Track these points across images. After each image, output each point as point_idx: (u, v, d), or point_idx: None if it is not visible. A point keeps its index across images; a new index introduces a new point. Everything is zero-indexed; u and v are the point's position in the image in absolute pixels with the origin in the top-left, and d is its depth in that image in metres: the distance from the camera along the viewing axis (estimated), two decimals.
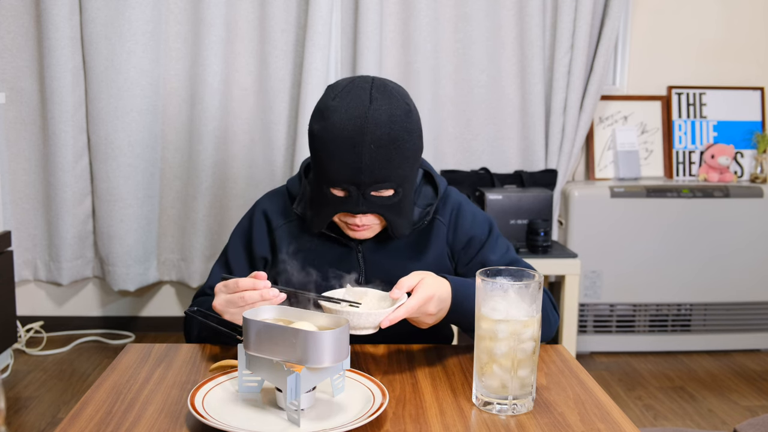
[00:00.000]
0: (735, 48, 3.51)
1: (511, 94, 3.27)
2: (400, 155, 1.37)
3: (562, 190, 3.32)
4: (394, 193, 1.40)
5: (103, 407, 1.15)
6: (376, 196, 1.39)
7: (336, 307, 1.24)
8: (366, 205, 1.39)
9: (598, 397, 1.22)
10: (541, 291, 1.17)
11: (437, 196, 1.54)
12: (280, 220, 1.54)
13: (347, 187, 1.37)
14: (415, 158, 1.42)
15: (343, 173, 1.36)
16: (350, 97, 1.37)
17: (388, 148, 1.35)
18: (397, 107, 1.38)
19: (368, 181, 1.36)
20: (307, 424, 1.08)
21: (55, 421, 2.59)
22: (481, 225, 1.56)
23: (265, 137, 3.26)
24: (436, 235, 1.53)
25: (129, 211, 3.21)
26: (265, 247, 1.55)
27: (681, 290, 3.30)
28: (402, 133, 1.37)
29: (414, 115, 1.41)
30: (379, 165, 1.35)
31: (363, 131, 1.34)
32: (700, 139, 3.50)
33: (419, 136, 1.43)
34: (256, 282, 1.27)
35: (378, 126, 1.34)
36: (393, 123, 1.36)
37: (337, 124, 1.35)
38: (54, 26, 3.04)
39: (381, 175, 1.36)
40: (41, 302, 3.46)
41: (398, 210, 1.43)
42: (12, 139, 3.22)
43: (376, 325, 1.24)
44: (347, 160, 1.35)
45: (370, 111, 1.35)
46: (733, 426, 2.38)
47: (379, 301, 1.32)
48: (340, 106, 1.36)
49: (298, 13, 3.18)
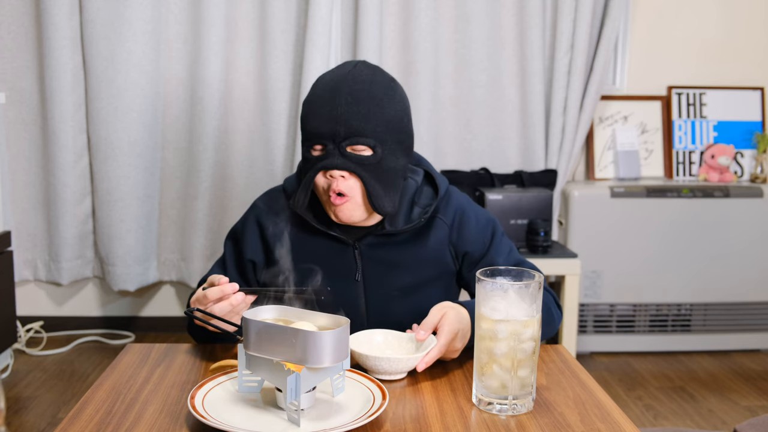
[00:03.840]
0: (735, 48, 3.51)
1: (511, 94, 3.27)
2: (378, 113, 1.39)
3: (562, 190, 3.32)
4: (372, 154, 1.39)
5: (103, 407, 1.15)
6: (352, 152, 1.39)
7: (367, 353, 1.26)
8: (341, 160, 1.38)
9: (598, 397, 1.22)
10: (542, 291, 1.17)
11: (437, 197, 1.53)
12: (274, 218, 1.54)
13: (324, 141, 1.39)
14: (396, 126, 1.42)
15: (320, 126, 1.39)
16: (336, 68, 1.44)
17: (366, 102, 1.38)
18: (381, 75, 1.43)
19: (343, 132, 1.37)
20: (307, 424, 1.08)
21: (55, 421, 2.59)
22: (484, 229, 1.56)
23: (265, 137, 3.26)
24: (436, 234, 1.52)
25: (129, 211, 3.21)
26: (255, 250, 1.54)
27: (681, 290, 3.30)
28: (381, 95, 1.40)
29: (398, 87, 1.45)
30: (355, 117, 1.37)
31: (342, 85, 1.39)
32: (700, 139, 3.50)
33: (403, 108, 1.44)
34: (223, 288, 1.28)
35: (357, 82, 1.39)
36: (373, 84, 1.40)
37: (320, 85, 1.42)
38: (54, 26, 3.04)
39: (356, 127, 1.37)
40: (41, 302, 3.46)
41: (376, 174, 1.40)
42: (12, 139, 3.22)
43: (407, 371, 1.27)
44: (324, 112, 1.38)
45: (353, 71, 1.41)
46: (733, 426, 2.38)
47: (403, 343, 1.35)
48: (325, 75, 1.44)
49: (298, 13, 3.18)
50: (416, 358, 1.26)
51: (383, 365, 1.24)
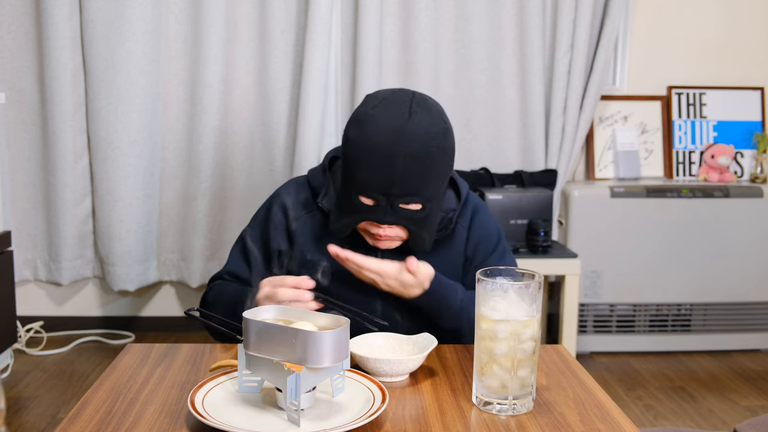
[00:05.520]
0: (735, 48, 3.51)
1: (511, 94, 3.27)
2: (432, 171, 1.38)
3: (562, 190, 3.32)
4: (422, 208, 1.41)
5: (103, 407, 1.15)
6: (404, 208, 1.40)
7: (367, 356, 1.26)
8: (393, 217, 1.40)
9: (598, 397, 1.22)
10: (541, 292, 1.17)
11: (460, 200, 1.55)
12: (300, 211, 1.54)
13: (377, 196, 1.38)
14: (445, 177, 1.44)
15: (375, 182, 1.37)
16: (389, 108, 1.38)
17: (423, 162, 1.36)
18: (435, 124, 1.39)
19: (398, 193, 1.37)
20: (307, 424, 1.08)
21: (55, 421, 2.59)
22: (490, 237, 1.57)
23: (265, 137, 3.26)
24: (455, 241, 1.55)
25: (129, 211, 3.21)
26: (281, 239, 1.54)
27: (681, 290, 3.30)
28: (437, 150, 1.38)
29: (450, 134, 1.42)
30: (412, 178, 1.36)
31: (399, 143, 1.35)
32: (700, 139, 3.50)
33: (452, 156, 1.44)
34: (299, 281, 1.32)
35: (414, 139, 1.35)
36: (429, 138, 1.37)
37: (374, 133, 1.36)
38: (54, 26, 3.04)
39: (412, 188, 1.37)
40: (41, 302, 3.46)
41: (423, 225, 1.43)
42: (12, 139, 3.22)
43: (408, 372, 1.28)
44: (380, 169, 1.36)
45: (409, 123, 1.36)
46: (733, 426, 2.38)
47: (404, 346, 1.35)
48: (378, 116, 1.37)
49: (298, 13, 3.18)
50: (417, 359, 1.27)
51: (384, 367, 1.25)
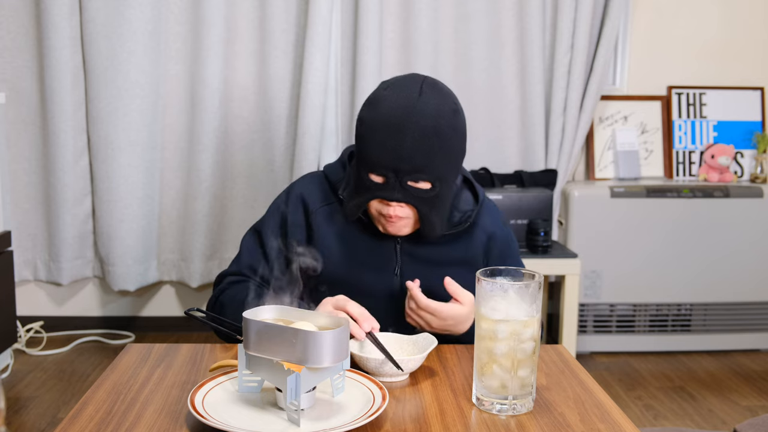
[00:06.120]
0: (735, 48, 3.51)
1: (511, 94, 3.27)
2: (441, 149, 1.39)
3: (562, 190, 3.32)
4: (431, 188, 1.41)
5: (103, 407, 1.15)
6: (412, 186, 1.40)
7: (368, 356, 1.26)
8: (402, 194, 1.40)
9: (598, 397, 1.22)
10: (541, 292, 1.17)
11: (477, 202, 1.56)
12: (318, 203, 1.55)
13: (386, 172, 1.39)
14: (456, 159, 1.44)
15: (384, 158, 1.38)
16: (401, 88, 1.40)
17: (431, 139, 1.37)
18: (446, 104, 1.40)
19: (407, 169, 1.38)
20: (307, 424, 1.08)
21: (55, 421, 2.59)
22: (509, 248, 1.61)
23: (265, 137, 3.26)
24: (473, 241, 1.55)
25: (129, 211, 3.21)
26: (300, 230, 1.55)
27: (681, 290, 3.30)
28: (447, 129, 1.39)
29: (461, 116, 1.43)
30: (420, 154, 1.37)
31: (409, 118, 1.36)
32: (700, 139, 3.50)
33: (463, 138, 1.44)
34: (363, 313, 1.32)
35: (424, 116, 1.37)
36: (439, 117, 1.38)
37: (385, 110, 1.38)
38: (54, 26, 3.04)
39: (420, 165, 1.38)
40: (41, 302, 3.46)
41: (432, 206, 1.43)
42: (12, 139, 3.22)
43: (408, 372, 1.28)
44: (389, 145, 1.37)
45: (419, 102, 1.38)
46: (733, 426, 2.38)
47: (404, 346, 1.35)
48: (390, 96, 1.40)
49: (298, 13, 3.18)
50: (417, 359, 1.27)
51: (384, 367, 1.25)
